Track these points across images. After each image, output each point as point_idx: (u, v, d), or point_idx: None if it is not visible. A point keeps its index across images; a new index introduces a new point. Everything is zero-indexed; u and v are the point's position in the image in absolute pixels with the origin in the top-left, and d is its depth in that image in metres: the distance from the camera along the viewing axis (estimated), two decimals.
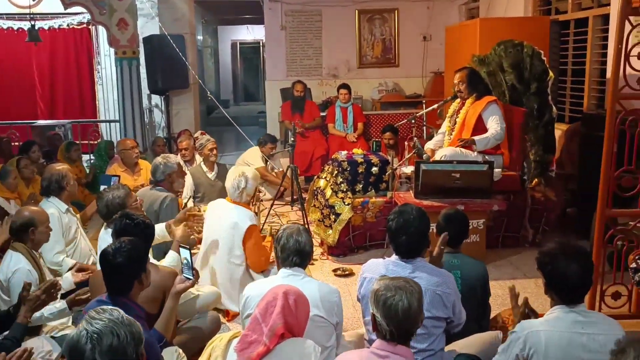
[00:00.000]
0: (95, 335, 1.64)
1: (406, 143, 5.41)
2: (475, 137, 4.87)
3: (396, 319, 2.05)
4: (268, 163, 6.88)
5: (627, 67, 3.48)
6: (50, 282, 2.83)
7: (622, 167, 3.63)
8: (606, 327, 2.20)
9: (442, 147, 5.19)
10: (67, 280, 3.52)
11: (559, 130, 5.96)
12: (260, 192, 6.12)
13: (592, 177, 4.12)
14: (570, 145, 5.75)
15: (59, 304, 3.10)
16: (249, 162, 6.67)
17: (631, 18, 3.48)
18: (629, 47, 3.46)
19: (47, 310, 3.04)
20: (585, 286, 2.24)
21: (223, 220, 3.91)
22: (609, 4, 5.52)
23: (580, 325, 2.17)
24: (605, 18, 5.72)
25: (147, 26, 8.56)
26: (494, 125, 4.89)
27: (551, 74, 5.10)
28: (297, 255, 2.70)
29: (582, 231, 5.04)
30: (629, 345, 1.69)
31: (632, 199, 3.74)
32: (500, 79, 5.41)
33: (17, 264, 3.19)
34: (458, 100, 5.23)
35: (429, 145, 5.33)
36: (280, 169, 6.95)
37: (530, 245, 5.09)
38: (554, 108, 5.16)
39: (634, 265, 3.31)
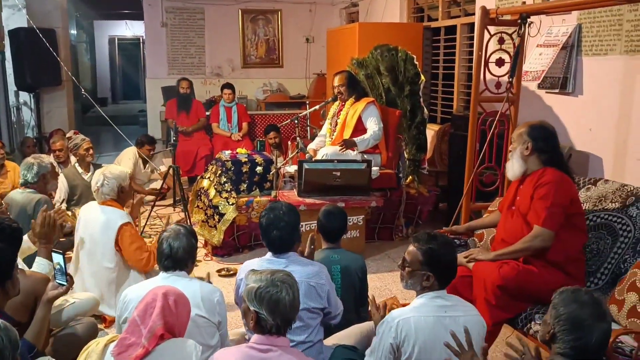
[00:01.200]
0: None
1: (290, 143, 5.51)
2: (356, 139, 5.09)
3: (284, 311, 2.11)
4: (147, 165, 6.68)
5: (487, 73, 3.83)
6: None
7: (484, 164, 3.99)
8: (464, 309, 2.41)
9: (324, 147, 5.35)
10: None
11: (432, 130, 6.35)
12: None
13: (459, 174, 4.46)
14: (441, 145, 6.16)
15: None
16: (119, 162, 6.44)
17: (490, 28, 3.83)
18: (488, 54, 3.80)
19: None
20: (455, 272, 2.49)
21: (92, 223, 3.75)
22: (474, 14, 5.98)
23: (443, 309, 2.36)
24: (471, 26, 6.19)
25: (14, 18, 7.97)
26: (373, 125, 5.13)
27: (423, 77, 5.43)
28: (169, 260, 2.67)
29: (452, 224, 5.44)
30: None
31: (494, 193, 4.10)
32: (377, 81, 5.67)
33: None
34: (337, 102, 5.42)
35: (311, 146, 5.47)
36: (162, 170, 6.78)
37: (404, 237, 5.40)
38: (425, 110, 5.50)
39: None
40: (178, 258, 2.67)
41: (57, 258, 2.70)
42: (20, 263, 3.12)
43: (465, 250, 3.49)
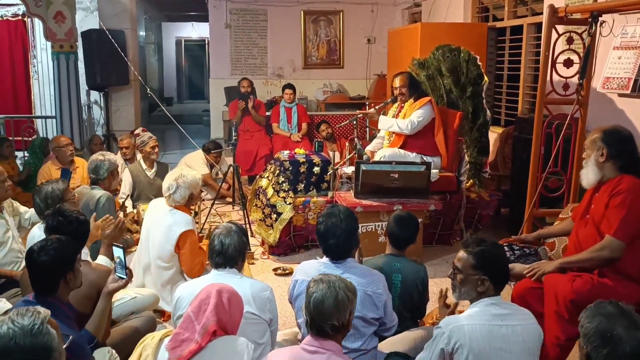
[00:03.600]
0: None
1: (347, 144, 5.47)
2: (381, 116, 5.14)
3: (309, 309, 2.14)
4: (213, 169, 6.83)
5: (554, 74, 3.67)
6: None
7: (549, 169, 3.83)
8: (522, 317, 2.32)
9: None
10: None
11: (495, 133, 6.17)
12: (202, 191, 6.06)
13: (523, 179, 4.31)
14: (504, 148, 5.97)
15: None
16: (191, 165, 6.59)
17: (558, 27, 3.68)
18: (556, 54, 3.64)
19: None
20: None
21: (158, 223, 3.84)
22: (542, 13, 5.77)
23: (499, 317, 2.27)
24: (539, 26, 5.97)
25: (87, 20, 8.34)
26: (410, 117, 5.03)
27: (486, 78, 5.28)
28: (220, 256, 2.71)
29: (514, 230, 5.25)
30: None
31: (559, 199, 3.93)
32: (439, 82, 5.55)
33: None
34: (397, 103, 5.34)
35: (369, 148, 5.42)
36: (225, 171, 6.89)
37: (463, 242, 5.24)
38: (488, 112, 5.35)
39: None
40: (229, 255, 2.70)
41: (118, 252, 2.76)
42: (84, 252, 3.25)
43: (535, 259, 3.35)
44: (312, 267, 2.81)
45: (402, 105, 5.26)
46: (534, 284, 2.95)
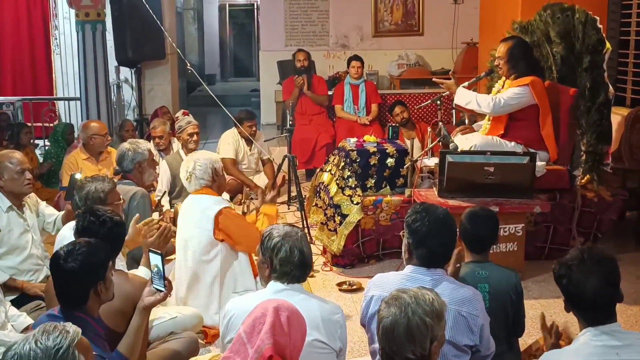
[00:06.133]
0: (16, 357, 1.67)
1: (429, 129, 5.41)
2: (463, 86, 5.03)
3: (379, 336, 2.14)
4: (253, 147, 6.78)
5: None
6: None
7: None
8: None
9: None
10: None
11: (618, 115, 5.99)
12: (248, 188, 6.14)
13: None
14: (631, 134, 5.81)
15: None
16: (219, 147, 6.68)
17: None
18: None
19: None
20: (611, 302, 2.27)
21: (189, 216, 3.97)
22: None
23: (614, 350, 2.19)
24: None
25: None
26: (502, 94, 4.91)
27: (608, 45, 5.13)
28: (300, 270, 2.70)
29: None
30: None
31: None
32: (546, 51, 5.43)
33: None
34: (503, 78, 5.19)
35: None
36: (268, 156, 6.89)
37: None
38: (611, 88, 5.18)
39: None
40: (308, 265, 2.73)
41: (155, 259, 2.82)
42: (120, 264, 3.36)
43: None
44: (391, 280, 2.77)
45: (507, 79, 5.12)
46: None
